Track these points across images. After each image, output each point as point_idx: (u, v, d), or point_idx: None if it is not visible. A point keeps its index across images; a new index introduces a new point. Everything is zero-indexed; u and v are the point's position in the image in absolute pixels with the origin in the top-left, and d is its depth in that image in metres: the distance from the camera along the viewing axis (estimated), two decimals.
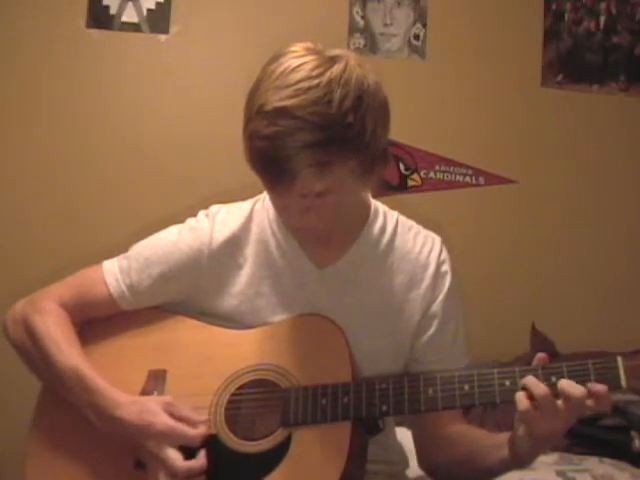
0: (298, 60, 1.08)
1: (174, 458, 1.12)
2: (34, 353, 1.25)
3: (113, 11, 2.51)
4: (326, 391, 1.15)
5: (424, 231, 1.34)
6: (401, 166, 2.66)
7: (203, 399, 1.20)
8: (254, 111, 1.08)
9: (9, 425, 1.88)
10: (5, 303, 1.34)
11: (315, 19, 2.56)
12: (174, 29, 2.55)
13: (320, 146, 1.05)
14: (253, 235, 1.29)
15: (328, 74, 1.06)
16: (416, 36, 2.68)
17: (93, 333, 1.31)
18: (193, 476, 1.13)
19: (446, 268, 1.31)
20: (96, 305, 1.30)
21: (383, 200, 1.36)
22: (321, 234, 1.23)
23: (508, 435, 1.14)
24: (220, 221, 1.29)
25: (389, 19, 2.68)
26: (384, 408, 1.14)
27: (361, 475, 1.18)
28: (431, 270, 1.30)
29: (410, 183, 2.68)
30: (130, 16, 2.52)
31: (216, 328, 1.27)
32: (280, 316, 1.25)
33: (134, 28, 2.53)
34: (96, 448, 1.21)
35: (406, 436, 1.41)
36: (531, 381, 1.05)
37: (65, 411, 1.23)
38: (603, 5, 2.79)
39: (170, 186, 2.51)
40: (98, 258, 1.34)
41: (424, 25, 2.69)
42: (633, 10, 2.81)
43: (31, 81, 2.48)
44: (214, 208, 1.33)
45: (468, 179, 2.71)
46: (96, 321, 1.31)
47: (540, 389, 1.04)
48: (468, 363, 1.30)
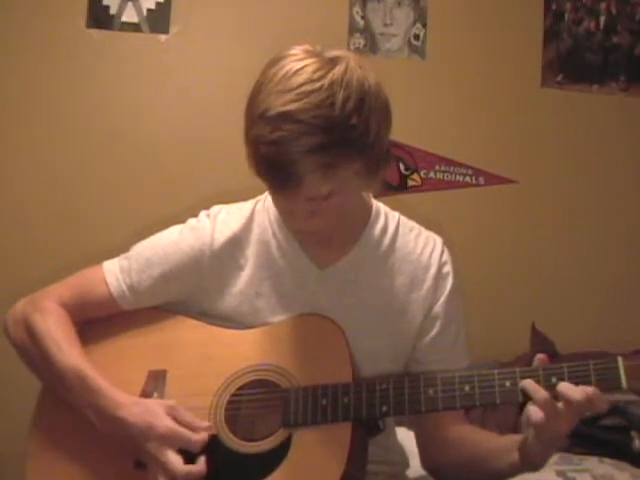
0: (299, 63, 1.07)
1: (174, 461, 1.12)
2: (34, 353, 1.25)
3: (113, 11, 2.51)
4: (326, 391, 1.15)
5: (426, 232, 1.34)
6: (401, 166, 2.66)
7: (203, 399, 1.20)
8: (256, 116, 1.07)
9: (9, 425, 1.88)
10: (6, 303, 1.35)
11: (315, 19, 2.56)
12: (174, 29, 2.55)
13: (325, 149, 1.05)
14: (254, 235, 1.29)
15: (330, 76, 1.06)
16: (416, 36, 2.68)
17: (93, 333, 1.31)
18: None
19: (448, 269, 1.31)
20: (96, 305, 1.30)
21: (383, 200, 1.36)
22: (323, 235, 1.23)
23: (515, 438, 1.14)
24: (221, 221, 1.29)
25: (389, 19, 2.67)
26: (384, 408, 1.14)
27: (361, 476, 1.18)
28: (433, 271, 1.29)
29: (410, 183, 2.67)
30: (130, 16, 2.52)
31: (216, 328, 1.27)
32: (280, 316, 1.25)
33: (134, 28, 2.53)
34: (96, 448, 1.21)
35: (407, 436, 1.41)
36: (530, 386, 1.05)
37: (65, 411, 1.23)
38: (603, 5, 2.78)
39: (170, 186, 2.51)
40: (98, 258, 1.34)
41: (424, 25, 2.68)
42: (633, 10, 2.80)
43: (31, 81, 2.48)
44: (215, 208, 1.33)
45: (468, 179, 2.70)
46: (96, 321, 1.31)
47: (540, 395, 1.04)
48: (469, 364, 1.30)
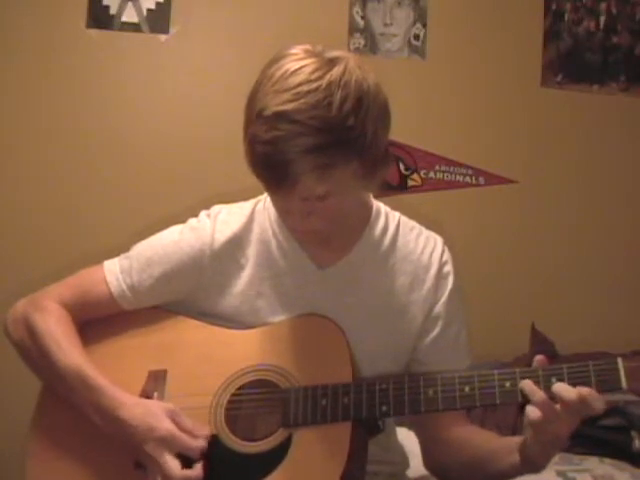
0: (297, 63, 1.07)
1: (171, 465, 1.12)
2: (35, 352, 1.25)
3: (113, 11, 2.51)
4: (326, 391, 1.15)
5: (426, 232, 1.34)
6: (401, 166, 2.66)
7: (203, 399, 1.20)
8: (254, 115, 1.07)
9: (9, 425, 1.88)
10: (6, 303, 1.34)
11: (315, 19, 2.56)
12: (174, 29, 2.55)
13: (321, 150, 1.05)
14: (254, 235, 1.29)
15: (327, 77, 1.05)
16: (416, 36, 2.68)
17: (93, 333, 1.30)
18: None
19: (448, 269, 1.31)
20: (97, 305, 1.30)
21: (383, 200, 1.36)
22: (322, 236, 1.23)
23: (517, 439, 1.14)
24: (222, 221, 1.29)
25: (389, 19, 2.67)
26: (384, 408, 1.13)
27: (361, 476, 1.18)
28: (433, 271, 1.29)
29: (410, 183, 2.67)
30: (130, 16, 2.52)
31: (216, 328, 1.27)
32: (281, 317, 1.25)
33: (134, 28, 2.53)
34: (96, 448, 1.21)
35: (407, 436, 1.41)
36: (528, 387, 1.05)
37: (65, 411, 1.23)
38: (603, 5, 2.78)
39: (170, 186, 2.51)
40: (99, 258, 1.34)
41: (424, 25, 2.68)
42: (633, 10, 2.80)
43: (31, 81, 2.48)
44: (216, 208, 1.33)
45: (468, 179, 2.70)
46: (96, 321, 1.31)
47: (537, 396, 1.03)
48: (470, 364, 1.29)
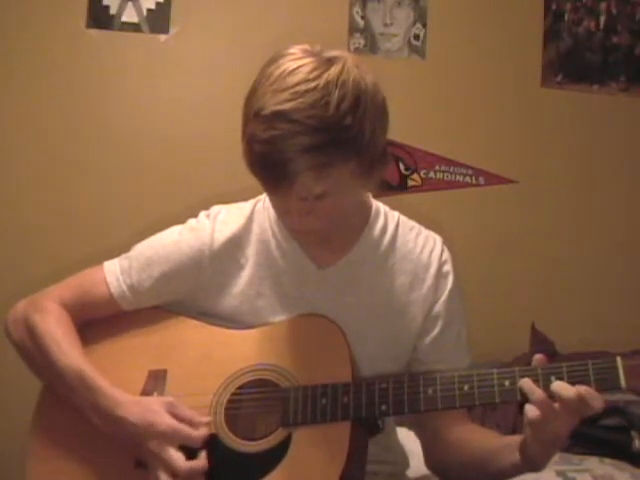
0: (295, 63, 1.07)
1: (176, 458, 1.12)
2: (35, 353, 1.25)
3: (113, 11, 2.51)
4: (326, 391, 1.15)
5: (425, 231, 1.34)
6: (401, 166, 2.66)
7: (203, 399, 1.20)
8: (252, 114, 1.07)
9: (9, 425, 1.88)
10: (6, 303, 1.35)
11: (315, 19, 2.57)
12: (174, 29, 2.55)
13: (318, 149, 1.05)
14: (254, 235, 1.29)
15: (325, 76, 1.06)
16: (416, 36, 2.68)
17: (93, 333, 1.31)
18: (194, 476, 1.13)
19: (448, 268, 1.31)
20: (97, 305, 1.30)
21: (383, 200, 1.36)
22: (322, 235, 1.23)
23: (518, 438, 1.14)
24: (221, 221, 1.29)
25: (389, 19, 2.68)
26: (383, 408, 1.13)
27: (361, 475, 1.18)
28: (433, 270, 1.29)
29: (410, 183, 2.67)
30: (130, 16, 2.53)
31: (216, 328, 1.27)
32: (280, 316, 1.25)
33: (134, 28, 2.53)
34: (96, 448, 1.21)
35: (407, 436, 1.41)
36: (527, 386, 1.05)
37: (65, 411, 1.23)
38: (603, 5, 2.78)
39: (170, 186, 2.51)
40: (99, 258, 1.34)
41: (424, 25, 2.69)
42: (633, 10, 2.81)
43: (31, 81, 2.48)
44: (215, 208, 1.33)
45: (468, 179, 2.71)
46: (96, 321, 1.31)
47: (536, 395, 1.03)
48: (470, 363, 1.29)
